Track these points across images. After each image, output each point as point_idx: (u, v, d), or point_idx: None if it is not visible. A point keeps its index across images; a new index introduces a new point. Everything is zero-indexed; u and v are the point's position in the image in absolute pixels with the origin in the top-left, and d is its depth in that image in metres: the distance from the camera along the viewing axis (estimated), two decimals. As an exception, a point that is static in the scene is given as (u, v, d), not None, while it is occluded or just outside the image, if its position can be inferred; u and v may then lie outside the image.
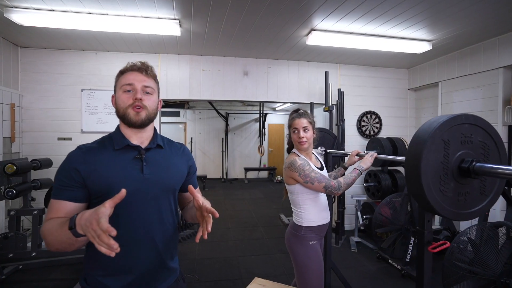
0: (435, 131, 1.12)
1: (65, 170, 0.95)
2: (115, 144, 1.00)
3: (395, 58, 3.90)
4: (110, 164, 0.97)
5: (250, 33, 3.10)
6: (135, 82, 1.00)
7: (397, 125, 4.38)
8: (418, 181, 1.13)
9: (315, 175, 1.60)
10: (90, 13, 2.62)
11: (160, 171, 1.03)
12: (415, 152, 1.15)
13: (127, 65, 1.04)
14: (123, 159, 0.99)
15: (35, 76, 3.62)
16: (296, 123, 1.70)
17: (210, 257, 3.38)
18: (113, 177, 0.95)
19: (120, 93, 1.01)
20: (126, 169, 0.98)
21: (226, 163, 9.16)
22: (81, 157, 0.96)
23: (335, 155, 2.52)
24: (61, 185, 0.94)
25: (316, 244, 1.70)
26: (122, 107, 1.00)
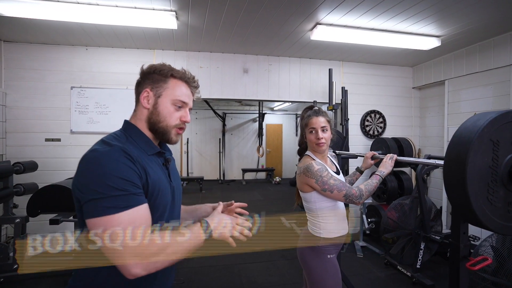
0: (483, 130, 0.95)
1: (126, 167, 0.75)
2: (146, 149, 0.90)
3: (399, 55, 3.76)
4: (153, 170, 0.86)
5: (251, 27, 2.92)
6: (189, 102, 0.95)
7: (401, 124, 4.25)
8: (463, 189, 0.96)
9: (334, 182, 1.42)
10: (79, 3, 2.41)
11: (177, 179, 1.02)
12: (459, 155, 0.99)
13: (184, 72, 0.95)
14: (157, 165, 0.92)
15: (21, 72, 3.38)
16: (314, 122, 1.51)
17: (209, 265, 3.19)
18: (161, 182, 0.88)
19: (169, 104, 0.91)
20: (163, 177, 0.92)
21: (223, 164, 8.96)
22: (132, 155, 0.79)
23: (344, 157, 2.36)
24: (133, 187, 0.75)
25: (334, 258, 1.52)
26: (167, 122, 0.91)
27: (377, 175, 1.54)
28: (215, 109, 8.66)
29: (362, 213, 3.52)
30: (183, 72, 0.95)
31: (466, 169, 0.94)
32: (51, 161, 3.35)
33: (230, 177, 9.11)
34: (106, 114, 3.47)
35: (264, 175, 9.50)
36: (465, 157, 0.95)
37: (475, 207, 0.96)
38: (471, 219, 1.02)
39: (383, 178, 1.55)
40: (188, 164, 8.76)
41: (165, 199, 0.88)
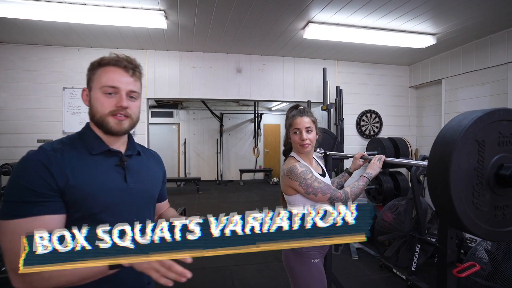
0: (468, 130, 0.90)
1: (36, 177, 0.73)
2: (91, 149, 0.84)
3: (395, 54, 3.71)
4: (89, 171, 0.81)
5: (242, 26, 2.87)
6: (120, 85, 0.83)
7: (398, 124, 4.20)
8: (446, 192, 0.91)
9: (318, 185, 1.37)
10: (66, 3, 2.38)
11: (142, 179, 0.92)
12: (442, 156, 0.94)
13: (110, 55, 0.86)
14: (103, 165, 0.85)
15: (12, 73, 3.35)
16: (298, 122, 1.45)
17: (200, 266, 3.14)
18: (95, 186, 0.80)
19: (99, 94, 0.83)
20: (109, 178, 0.84)
21: (221, 165, 8.92)
22: (55, 161, 0.76)
23: (336, 158, 2.31)
24: (36, 196, 0.72)
25: (319, 263, 1.47)
26: (100, 112, 0.83)
27: (364, 177, 1.49)
28: (212, 109, 8.62)
29: (358, 215, 3.46)
30: (112, 57, 0.86)
31: (449, 171, 0.90)
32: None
33: (227, 178, 9.06)
34: (98, 115, 3.44)
35: (262, 176, 9.45)
36: (448, 159, 0.90)
37: (459, 211, 0.91)
38: (455, 223, 0.97)
39: (370, 180, 1.50)
40: (186, 165, 8.72)
41: (102, 200, 0.80)
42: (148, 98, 3.60)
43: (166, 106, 8.49)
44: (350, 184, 1.48)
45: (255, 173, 9.33)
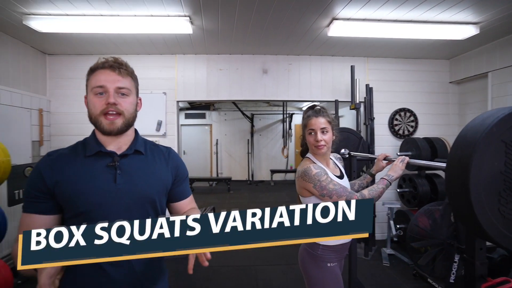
0: (491, 129, 0.82)
1: (32, 181, 0.87)
2: (87, 150, 0.91)
3: (432, 47, 3.43)
4: (79, 172, 0.87)
5: (265, 27, 2.88)
6: (107, 83, 0.87)
7: (436, 123, 3.88)
8: (465, 198, 0.83)
9: (333, 187, 1.32)
10: (101, 15, 2.59)
11: (136, 180, 0.91)
12: (461, 158, 0.86)
13: (98, 60, 0.91)
14: (94, 167, 0.89)
15: (61, 82, 3.73)
16: (313, 123, 1.41)
17: (227, 265, 3.20)
18: (81, 187, 0.85)
19: (91, 96, 0.89)
20: (97, 179, 0.87)
21: (252, 165, 9.00)
22: (48, 165, 0.88)
23: (360, 159, 2.21)
24: (30, 196, 0.86)
25: (336, 267, 1.42)
26: (94, 113, 0.88)
27: (385, 180, 1.40)
28: (243, 110, 8.74)
29: (389, 219, 3.28)
30: (103, 60, 0.91)
31: (469, 175, 0.81)
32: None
33: (258, 178, 9.11)
34: (132, 118, 3.68)
35: (293, 176, 9.33)
36: (468, 161, 0.82)
37: (482, 219, 0.82)
38: (477, 232, 0.88)
39: (391, 183, 1.40)
40: (218, 165, 8.94)
41: (88, 200, 0.85)
42: (178, 101, 3.76)
43: (199, 107, 8.79)
44: (369, 187, 1.41)
45: (286, 173, 9.26)
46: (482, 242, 1.05)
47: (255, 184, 8.65)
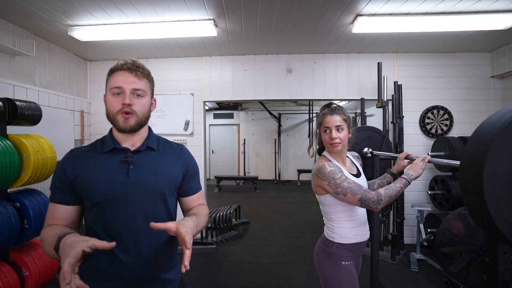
0: (509, 125, 0.78)
1: (57, 174, 0.97)
2: (104, 147, 0.99)
3: (470, 39, 3.20)
4: (96, 167, 0.96)
5: (288, 26, 2.89)
6: (124, 85, 0.94)
7: (474, 121, 3.60)
8: (479, 197, 0.80)
9: (348, 185, 1.32)
10: (134, 23, 2.79)
11: (148, 174, 0.98)
12: (475, 156, 0.83)
13: (118, 62, 0.99)
14: (109, 162, 0.97)
15: (99, 85, 4.06)
16: (328, 120, 1.42)
17: (250, 261, 3.27)
18: (97, 181, 0.94)
19: (109, 96, 0.97)
20: (111, 173, 0.95)
21: (278, 165, 9.01)
22: (70, 161, 0.97)
23: (384, 158, 2.14)
24: (54, 188, 0.97)
25: (350, 266, 1.41)
26: (111, 112, 0.96)
27: (403, 179, 1.36)
28: (270, 110, 8.77)
29: (419, 222, 3.11)
30: (122, 62, 0.97)
31: (482, 173, 0.78)
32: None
33: (285, 178, 9.10)
34: (162, 118, 3.90)
35: (321, 177, 9.18)
36: (482, 159, 0.79)
37: (497, 219, 0.78)
38: (494, 234, 0.83)
39: (410, 182, 1.36)
40: (245, 164, 9.08)
41: (102, 191, 0.92)
42: (204, 101, 3.91)
43: (227, 108, 9.00)
44: (386, 185, 1.38)
45: (313, 173, 9.13)
46: (505, 247, 0.99)
47: (281, 184, 8.65)
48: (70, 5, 2.43)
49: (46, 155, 2.27)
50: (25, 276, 2.16)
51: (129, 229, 0.94)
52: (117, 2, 2.40)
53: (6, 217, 1.97)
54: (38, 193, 2.33)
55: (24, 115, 2.19)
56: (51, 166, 2.34)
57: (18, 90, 2.83)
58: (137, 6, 2.48)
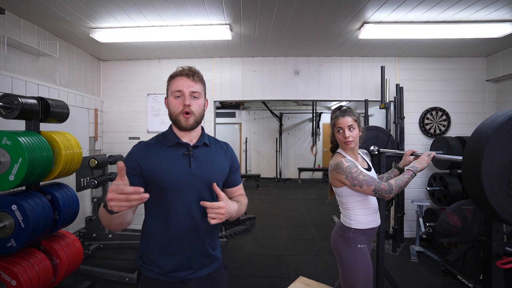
0: (502, 125, 0.97)
1: (128, 160, 1.09)
2: (168, 142, 1.13)
3: (467, 45, 3.41)
4: (163, 158, 1.10)
5: (299, 32, 3.07)
6: (183, 88, 1.09)
7: (470, 122, 3.82)
8: (478, 184, 0.99)
9: (363, 178, 1.51)
10: (153, 26, 2.94)
11: (205, 166, 1.12)
12: (474, 151, 1.02)
13: (177, 69, 1.14)
14: (174, 154, 1.11)
15: (112, 84, 4.20)
16: (341, 122, 1.61)
17: (260, 253, 3.45)
18: (165, 169, 1.07)
19: (171, 98, 1.11)
20: (177, 163, 1.09)
21: (280, 163, 9.20)
22: (142, 151, 1.11)
23: (389, 155, 2.34)
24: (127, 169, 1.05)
25: (365, 248, 1.61)
26: (174, 113, 1.11)
27: (410, 171, 1.55)
28: (272, 109, 8.95)
29: (419, 217, 3.32)
30: (180, 69, 1.12)
31: (481, 163, 0.97)
32: (133, 156, 4.09)
33: (286, 176, 9.29)
34: (174, 116, 4.06)
35: (320, 175, 9.40)
36: (480, 153, 0.98)
37: (493, 202, 0.97)
38: (490, 213, 1.02)
39: (416, 174, 1.55)
40: (247, 162, 9.25)
41: (170, 180, 1.06)
42: (215, 101, 4.08)
43: (229, 107, 9.15)
44: (395, 177, 1.57)
45: (314, 172, 9.35)
46: (499, 225, 1.18)
47: (282, 182, 8.84)
48: (95, 8, 2.57)
49: (73, 150, 2.43)
50: (56, 264, 2.32)
51: (189, 213, 1.09)
52: (140, 6, 2.56)
53: (42, 208, 2.12)
54: (66, 186, 2.48)
55: (55, 113, 2.34)
56: (78, 161, 2.49)
57: (41, 89, 2.97)
58: (159, 10, 2.63)
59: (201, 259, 1.13)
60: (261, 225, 4.57)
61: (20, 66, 2.76)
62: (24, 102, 2.08)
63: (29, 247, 2.17)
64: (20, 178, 1.97)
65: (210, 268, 1.16)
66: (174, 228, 1.08)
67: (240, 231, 4.14)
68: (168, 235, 1.08)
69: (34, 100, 2.17)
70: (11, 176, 1.97)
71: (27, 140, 2.03)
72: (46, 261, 2.19)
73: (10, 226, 2.00)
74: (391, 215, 3.79)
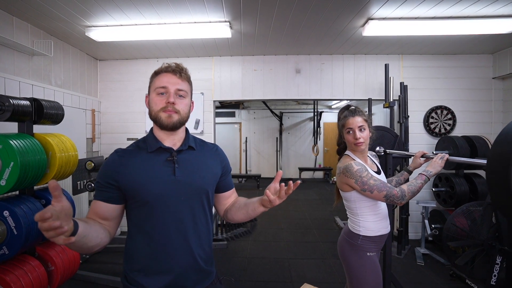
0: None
1: (103, 173, 0.99)
2: (148, 147, 1.02)
3: (474, 42, 3.32)
4: (143, 166, 0.98)
5: (300, 29, 2.98)
6: (169, 85, 0.99)
7: (476, 121, 3.74)
8: (506, 189, 0.90)
9: (374, 183, 1.41)
10: (151, 24, 2.85)
11: (192, 172, 1.02)
12: (502, 154, 0.93)
13: (162, 65, 1.04)
14: (155, 161, 1.00)
15: (110, 84, 4.10)
16: (350, 122, 1.52)
17: (261, 256, 3.37)
18: (146, 179, 0.96)
19: (153, 95, 1.01)
20: (159, 171, 0.98)
21: (280, 163, 9.12)
22: (117, 161, 1.00)
23: (396, 156, 2.25)
24: (98, 186, 0.99)
25: (375, 256, 1.52)
26: (154, 110, 1.00)
27: (423, 175, 1.46)
28: (272, 108, 8.86)
29: (424, 218, 3.24)
30: (166, 65, 1.02)
31: (509, 170, 0.88)
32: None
33: (287, 176, 9.21)
34: (173, 117, 3.96)
35: (321, 174, 9.32)
36: (509, 157, 0.89)
37: (522, 211, 0.88)
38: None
39: (430, 178, 1.46)
40: (247, 162, 9.17)
41: (152, 191, 0.96)
42: (214, 100, 3.99)
43: (229, 106, 9.06)
44: (407, 182, 1.48)
45: (314, 171, 9.27)
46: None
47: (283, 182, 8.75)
48: (89, 6, 2.48)
49: (69, 153, 2.34)
50: (51, 271, 2.23)
51: (177, 225, 0.98)
52: (136, 3, 2.46)
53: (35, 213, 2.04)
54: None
55: (49, 114, 2.25)
56: (73, 164, 2.40)
57: (36, 89, 2.88)
58: (156, 7, 2.54)
59: (192, 276, 1.02)
60: (262, 226, 4.49)
61: (13, 66, 2.66)
62: (16, 104, 1.99)
63: (23, 254, 2.08)
64: (12, 183, 1.88)
65: (203, 285, 1.05)
66: (160, 244, 0.97)
67: (241, 233, 4.06)
68: (154, 251, 0.97)
69: (26, 101, 2.08)
70: (2, 181, 1.89)
71: (19, 143, 1.94)
72: (41, 268, 2.10)
73: (2, 233, 1.91)
74: (396, 216, 3.71)
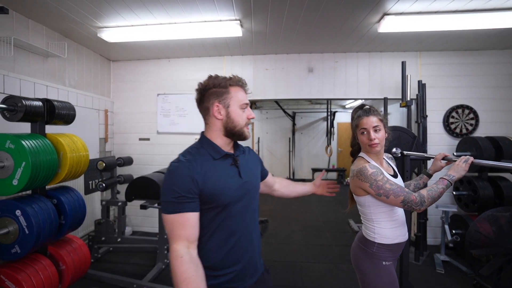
0: None
1: (182, 182, 0.97)
2: (214, 155, 1.07)
3: (498, 36, 3.11)
4: (217, 173, 1.04)
5: (313, 26, 2.89)
6: (248, 101, 1.11)
7: (501, 121, 3.51)
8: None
9: (390, 187, 1.31)
10: (161, 24, 2.84)
11: (250, 173, 1.15)
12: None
13: (233, 78, 1.09)
14: (223, 167, 1.07)
15: (122, 85, 4.15)
16: (364, 122, 1.42)
17: (272, 259, 3.30)
18: (223, 184, 1.03)
19: (237, 109, 1.08)
20: (230, 176, 1.07)
21: (293, 163, 9.01)
22: (193, 168, 1.00)
23: (414, 158, 2.13)
24: (181, 198, 0.97)
25: (391, 266, 1.41)
26: (240, 124, 1.08)
27: (445, 180, 1.34)
28: (284, 108, 8.76)
29: (444, 223, 3.07)
30: (236, 78, 1.10)
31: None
32: (142, 157, 4.03)
33: (299, 176, 9.09)
34: (184, 117, 3.96)
35: (335, 175, 9.13)
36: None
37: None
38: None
39: (452, 183, 1.35)
40: (259, 163, 9.11)
41: (230, 194, 1.03)
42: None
43: (241, 106, 9.03)
44: (427, 187, 1.37)
45: (328, 172, 9.10)
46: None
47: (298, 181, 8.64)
48: (100, 6, 2.50)
49: (80, 153, 2.35)
50: (62, 270, 2.25)
51: (248, 221, 1.11)
52: (146, 3, 2.46)
53: (47, 213, 2.06)
54: (72, 190, 2.41)
55: (61, 115, 2.27)
56: (84, 164, 2.42)
57: (50, 90, 2.94)
58: (166, 7, 2.52)
59: (252, 267, 1.12)
60: (273, 228, 4.42)
61: (28, 67, 2.72)
62: (28, 104, 2.02)
63: (34, 253, 2.11)
64: (24, 183, 1.90)
65: (257, 275, 1.15)
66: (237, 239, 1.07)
67: (252, 235, 4.00)
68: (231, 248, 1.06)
69: (39, 102, 2.10)
70: (14, 181, 1.91)
71: (31, 143, 1.96)
72: (52, 267, 2.12)
73: (14, 232, 1.94)
74: (413, 221, 3.55)
